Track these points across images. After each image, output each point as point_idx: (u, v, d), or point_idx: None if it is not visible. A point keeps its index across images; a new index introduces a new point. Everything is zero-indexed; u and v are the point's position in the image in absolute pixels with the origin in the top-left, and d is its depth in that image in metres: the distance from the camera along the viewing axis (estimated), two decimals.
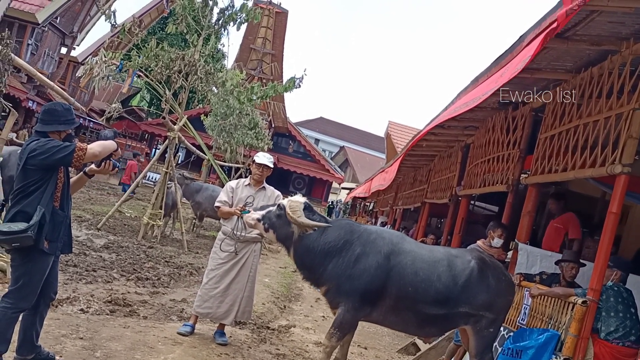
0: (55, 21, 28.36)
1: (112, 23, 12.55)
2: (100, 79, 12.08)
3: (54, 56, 29.94)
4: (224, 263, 6.32)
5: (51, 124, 4.21)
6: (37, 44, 28.05)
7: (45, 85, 8.92)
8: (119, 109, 12.69)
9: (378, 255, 5.18)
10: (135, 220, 14.78)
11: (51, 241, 4.17)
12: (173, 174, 13.11)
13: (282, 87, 15.50)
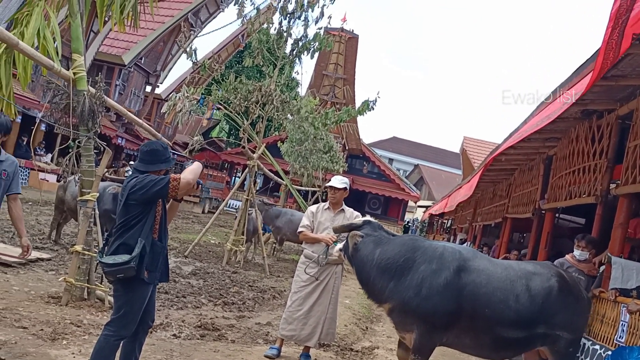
0: (140, 62, 29.67)
1: (193, 61, 12.94)
2: (183, 114, 12.44)
3: (139, 94, 31.26)
4: (306, 286, 6.29)
5: (154, 164, 4.27)
6: (124, 84, 29.40)
7: (134, 123, 9.21)
8: (200, 141, 13.01)
9: (446, 271, 4.82)
10: (219, 247, 15.01)
11: (150, 271, 4.22)
12: (253, 201, 13.23)
13: (356, 110, 15.44)
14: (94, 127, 6.90)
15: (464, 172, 29.37)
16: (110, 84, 27.73)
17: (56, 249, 10.05)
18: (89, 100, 6.78)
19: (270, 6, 13.88)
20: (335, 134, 27.60)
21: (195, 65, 13.40)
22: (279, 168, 15.23)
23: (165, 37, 30.34)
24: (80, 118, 6.78)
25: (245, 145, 13.08)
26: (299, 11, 12.74)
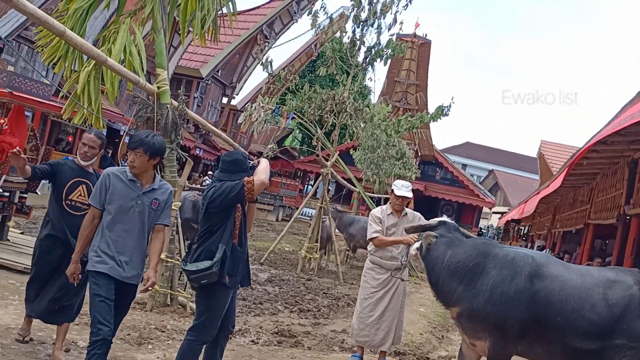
0: (216, 74, 30.50)
1: (269, 72, 13.17)
2: (258, 124, 12.67)
3: (216, 106, 32.10)
4: (377, 291, 6.24)
5: (236, 173, 4.35)
6: (202, 96, 30.28)
7: (214, 134, 9.46)
8: (274, 149, 13.20)
9: (518, 277, 4.58)
10: (293, 254, 15.14)
11: (231, 275, 4.30)
12: (327, 208, 13.28)
13: (429, 116, 15.25)
14: (176, 138, 7.13)
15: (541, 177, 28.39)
16: (189, 97, 28.62)
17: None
18: (171, 113, 7.01)
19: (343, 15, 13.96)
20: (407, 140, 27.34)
21: (270, 76, 13.63)
22: (351, 175, 15.22)
23: (241, 49, 31.04)
24: (164, 130, 7.02)
25: (319, 154, 13.16)
26: (372, 19, 12.74)
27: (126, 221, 4.10)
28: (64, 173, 4.79)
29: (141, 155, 4.10)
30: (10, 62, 19.60)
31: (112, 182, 4.11)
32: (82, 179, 4.81)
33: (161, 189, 4.28)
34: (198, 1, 7.43)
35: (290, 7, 31.91)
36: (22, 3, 4.75)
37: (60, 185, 4.75)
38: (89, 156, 4.86)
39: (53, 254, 4.72)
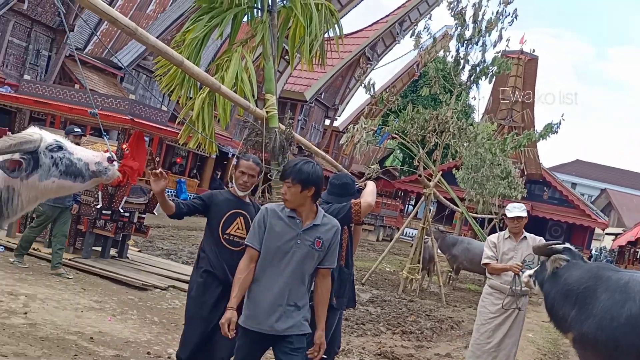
0: (320, 97, 31.10)
1: (371, 94, 13.26)
2: (360, 145, 12.76)
3: (319, 128, 32.67)
4: (495, 317, 6.05)
5: (344, 196, 4.40)
6: (306, 118, 30.95)
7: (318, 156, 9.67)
8: (377, 170, 13.23)
9: (630, 302, 4.26)
10: (394, 275, 15.02)
11: (338, 297, 4.35)
12: (429, 229, 13.10)
13: (537, 134, 14.71)
14: (283, 161, 7.35)
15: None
16: (294, 120, 29.34)
17: None
18: (279, 136, 7.25)
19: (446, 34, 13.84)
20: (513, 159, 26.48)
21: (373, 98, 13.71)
22: (454, 195, 14.95)
23: (344, 71, 31.48)
24: (272, 153, 7.26)
25: (421, 174, 13.04)
26: (476, 37, 12.52)
27: (283, 263, 3.55)
28: (220, 205, 4.30)
29: (291, 185, 3.56)
30: (130, 90, 21.04)
31: (270, 220, 3.59)
32: (239, 211, 4.31)
33: (325, 226, 3.65)
34: (306, 27, 7.66)
35: (393, 29, 32.03)
36: (145, 36, 5.12)
37: (216, 218, 4.27)
38: (248, 186, 4.35)
39: (210, 294, 4.24)
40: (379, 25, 31.86)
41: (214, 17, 7.46)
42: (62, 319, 5.69)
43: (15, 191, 3.41)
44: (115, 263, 8.63)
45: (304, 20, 7.67)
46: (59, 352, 4.72)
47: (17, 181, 3.39)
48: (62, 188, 3.57)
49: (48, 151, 3.40)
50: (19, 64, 17.86)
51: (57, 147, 3.43)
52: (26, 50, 17.96)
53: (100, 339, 5.34)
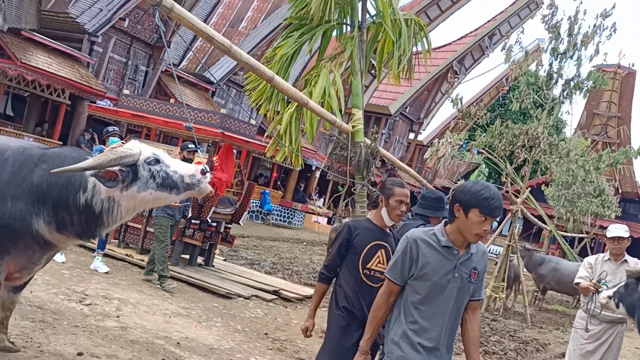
0: (404, 111, 30.85)
1: (458, 108, 13.01)
2: (445, 159, 12.51)
3: (403, 142, 32.40)
4: (588, 343, 5.71)
5: (438, 211, 4.46)
6: (389, 132, 30.79)
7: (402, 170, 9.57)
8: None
9: None
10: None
11: None
12: (515, 246, 12.63)
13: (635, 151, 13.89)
14: (368, 175, 7.30)
15: None
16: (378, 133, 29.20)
17: None
18: (364, 150, 7.22)
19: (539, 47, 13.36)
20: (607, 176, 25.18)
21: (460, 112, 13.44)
22: (542, 212, 14.34)
23: (430, 85, 31.12)
24: (357, 167, 7.24)
25: (508, 190, 12.61)
26: (571, 50, 12.02)
27: (440, 301, 3.06)
28: (361, 235, 3.93)
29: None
30: (220, 104, 21.71)
31: (421, 251, 3.07)
32: (381, 242, 3.94)
33: (478, 253, 3.16)
34: (395, 42, 7.63)
35: (482, 42, 31.38)
36: (239, 53, 5.24)
37: (357, 251, 3.91)
38: (401, 216, 3.96)
39: (350, 336, 3.89)
40: (468, 39, 31.30)
41: (304, 33, 7.57)
42: (152, 323, 5.88)
43: (115, 201, 3.63)
44: (201, 271, 8.86)
45: (393, 36, 7.64)
46: (147, 355, 4.87)
47: (118, 192, 3.60)
48: (159, 199, 3.76)
49: (146, 164, 3.60)
50: (119, 79, 18.83)
51: (154, 160, 3.62)
52: (125, 66, 18.93)
53: (187, 345, 5.47)
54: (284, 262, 12.54)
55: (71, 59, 16.60)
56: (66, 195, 3.61)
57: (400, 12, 7.99)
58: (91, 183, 3.60)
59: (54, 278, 6.51)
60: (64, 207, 3.61)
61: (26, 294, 5.04)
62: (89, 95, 16.73)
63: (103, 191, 3.60)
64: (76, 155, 3.74)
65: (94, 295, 6.29)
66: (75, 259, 7.93)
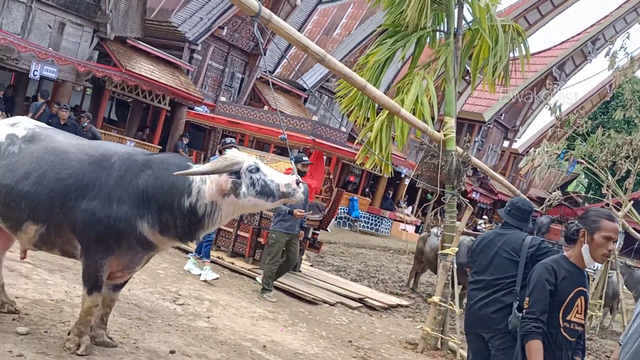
0: (499, 118, 29.91)
1: (556, 116, 12.46)
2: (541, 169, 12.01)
3: (496, 150, 31.41)
4: None
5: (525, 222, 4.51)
6: (483, 140, 29.93)
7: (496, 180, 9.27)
8: (559, 197, 12.37)
9: None
10: None
11: None
12: (615, 263, 11.90)
13: None
14: (458, 185, 7.11)
15: None
16: (470, 140, 28.56)
17: (413, 297, 10.55)
18: (456, 159, 7.03)
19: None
20: None
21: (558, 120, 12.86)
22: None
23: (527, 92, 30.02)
24: (447, 176, 7.06)
25: (609, 202, 11.92)
26: None
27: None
28: (566, 279, 3.35)
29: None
30: (312, 111, 21.97)
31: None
32: (582, 289, 3.39)
33: None
34: (491, 49, 7.40)
35: (585, 47, 29.89)
36: (333, 62, 5.27)
37: (560, 298, 3.34)
38: (608, 256, 3.41)
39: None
40: (569, 44, 29.90)
41: (397, 40, 7.48)
42: (240, 325, 5.99)
43: (217, 206, 3.84)
44: (289, 276, 8.95)
45: (490, 42, 7.41)
46: (235, 357, 4.96)
47: (220, 197, 3.82)
48: (256, 206, 3.96)
49: (248, 172, 3.81)
50: (216, 86, 19.49)
51: (255, 168, 3.83)
52: (222, 73, 19.56)
53: (272, 348, 5.52)
54: (370, 270, 12.46)
55: (172, 67, 17.36)
56: (171, 199, 3.81)
57: (498, 18, 7.74)
58: (195, 188, 3.81)
59: (151, 278, 6.78)
60: (169, 211, 3.81)
61: (124, 292, 5.26)
62: (187, 102, 17.43)
63: (207, 196, 3.80)
64: (179, 162, 3.94)
65: (187, 296, 6.50)
66: (170, 259, 8.24)
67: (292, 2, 19.65)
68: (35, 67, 13.59)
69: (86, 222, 3.75)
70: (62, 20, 14.63)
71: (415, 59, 7.88)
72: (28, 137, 4.05)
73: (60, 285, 5.43)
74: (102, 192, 3.78)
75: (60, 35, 14.67)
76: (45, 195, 3.81)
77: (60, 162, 3.88)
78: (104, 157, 3.90)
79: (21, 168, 3.89)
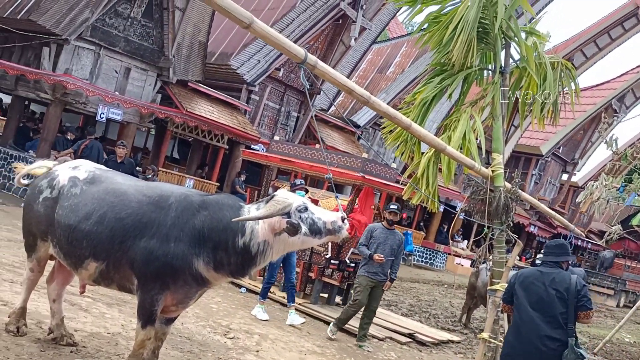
0: (557, 151, 29.21)
1: (613, 151, 12.16)
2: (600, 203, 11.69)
3: (555, 183, 30.59)
4: None
5: (562, 256, 4.81)
6: (540, 173, 29.23)
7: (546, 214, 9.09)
8: (619, 231, 11.98)
9: None
10: (634, 347, 13.17)
11: None
12: None
13: None
14: (507, 220, 7.01)
15: None
16: (527, 174, 27.95)
17: (465, 332, 10.32)
18: (504, 196, 6.95)
19: None
20: None
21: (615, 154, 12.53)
22: None
23: (586, 125, 29.28)
24: (495, 212, 6.96)
25: None
26: None
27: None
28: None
29: None
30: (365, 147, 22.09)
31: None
32: None
33: None
34: (539, 86, 7.37)
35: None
36: (377, 103, 5.37)
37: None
38: None
39: None
40: (629, 76, 29.10)
41: (445, 78, 7.53)
42: (288, 359, 6.04)
43: (269, 244, 4.02)
44: (339, 310, 8.91)
45: (538, 80, 7.38)
46: None
47: (272, 236, 4.00)
48: (304, 243, 4.13)
49: (297, 211, 3.98)
50: (272, 124, 19.92)
51: (304, 208, 4.01)
52: (278, 112, 20.00)
53: None
54: (422, 305, 12.29)
55: (230, 107, 17.91)
56: (225, 239, 3.98)
57: (546, 56, 7.70)
58: (249, 227, 3.98)
59: (203, 312, 6.95)
60: (223, 249, 3.98)
61: (177, 325, 5.43)
62: (244, 140, 17.88)
63: (260, 235, 3.97)
64: (232, 202, 4.13)
65: (237, 330, 6.62)
66: (223, 293, 8.42)
67: (346, 42, 19.99)
68: (102, 110, 14.29)
69: (144, 259, 3.93)
70: (128, 66, 15.38)
71: (463, 97, 7.90)
72: (89, 179, 4.32)
73: (117, 318, 5.66)
74: (160, 231, 3.96)
75: (125, 80, 15.42)
76: (105, 234, 4.03)
77: (120, 202, 4.10)
78: (161, 197, 4.10)
79: (83, 209, 4.14)
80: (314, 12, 18.30)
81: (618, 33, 25.95)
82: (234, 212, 4.01)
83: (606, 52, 26.38)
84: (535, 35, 7.86)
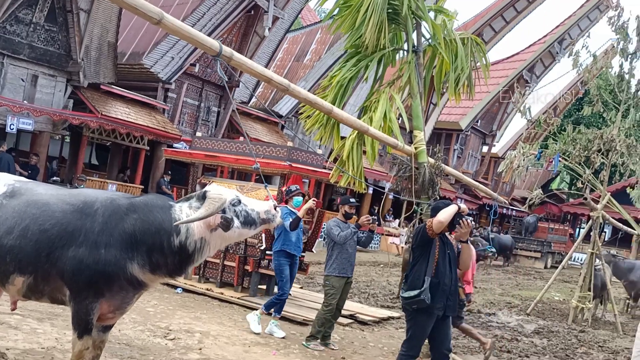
0: (476, 124, 30.40)
1: (527, 118, 12.80)
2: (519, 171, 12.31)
3: (476, 155, 31.84)
4: None
5: None
6: (462, 147, 30.36)
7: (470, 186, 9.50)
8: (540, 195, 12.65)
9: None
10: (563, 304, 14.04)
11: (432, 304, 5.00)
12: (599, 253, 12.13)
13: None
14: (433, 194, 7.30)
15: None
16: (449, 149, 28.95)
17: None
18: (428, 171, 7.24)
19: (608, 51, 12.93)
20: None
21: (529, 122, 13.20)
22: (628, 217, 13.73)
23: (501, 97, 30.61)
24: (422, 187, 7.26)
25: (587, 197, 12.18)
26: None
27: None
28: None
29: None
30: (290, 136, 22.19)
31: None
32: None
33: None
34: (451, 63, 7.66)
35: (552, 48, 30.62)
36: (297, 91, 5.48)
37: None
38: None
39: None
40: (537, 47, 30.60)
41: (360, 60, 7.73)
42: (232, 353, 6.09)
43: (206, 241, 4.05)
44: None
45: (449, 57, 7.67)
46: None
47: (208, 232, 4.03)
48: (241, 236, 4.23)
49: (231, 205, 4.04)
50: (193, 121, 19.65)
51: (237, 201, 4.08)
52: (198, 108, 19.74)
53: None
54: (360, 286, 12.57)
55: (148, 107, 17.53)
56: (160, 240, 3.95)
57: (456, 32, 8.02)
58: (184, 227, 3.96)
59: (140, 316, 6.87)
60: (159, 250, 3.95)
61: (115, 332, 5.35)
62: (166, 140, 17.57)
63: (196, 233, 3.98)
64: (161, 203, 4.11)
65: (177, 330, 6.59)
66: (159, 296, 8.32)
67: (260, 33, 19.94)
68: (11, 121, 13.69)
69: (75, 269, 3.85)
70: (35, 73, 14.78)
71: (380, 77, 8.11)
72: (8, 193, 4.17)
73: (50, 332, 5.52)
74: (88, 238, 3.88)
75: (33, 88, 14.81)
76: (30, 247, 3.91)
77: (42, 214, 3.98)
78: (85, 204, 4.01)
79: (4, 223, 4.00)
80: (224, 4, 18.13)
81: (523, 5, 27.20)
82: (165, 212, 4.00)
83: (513, 24, 27.59)
84: (444, 14, 8.18)
